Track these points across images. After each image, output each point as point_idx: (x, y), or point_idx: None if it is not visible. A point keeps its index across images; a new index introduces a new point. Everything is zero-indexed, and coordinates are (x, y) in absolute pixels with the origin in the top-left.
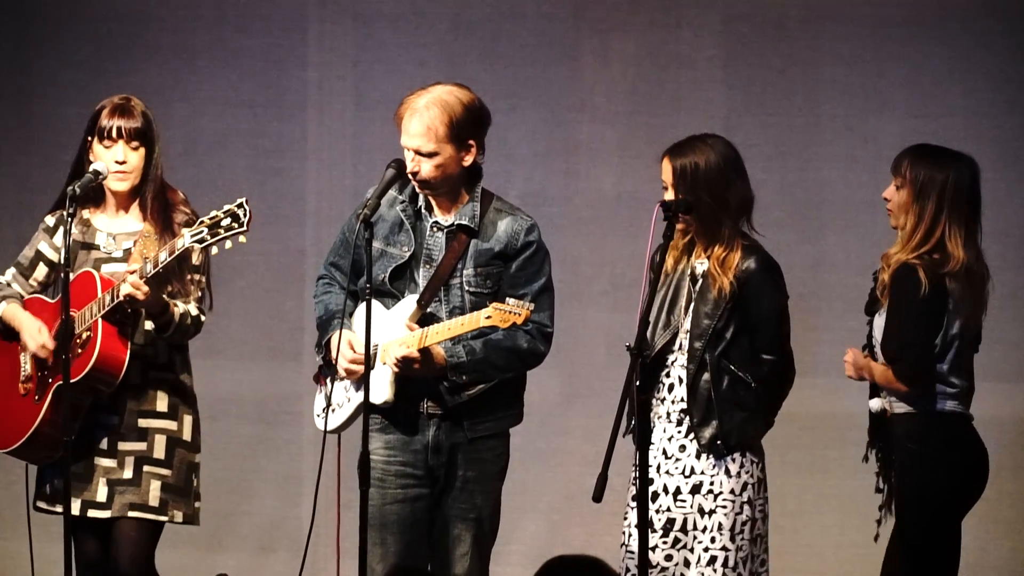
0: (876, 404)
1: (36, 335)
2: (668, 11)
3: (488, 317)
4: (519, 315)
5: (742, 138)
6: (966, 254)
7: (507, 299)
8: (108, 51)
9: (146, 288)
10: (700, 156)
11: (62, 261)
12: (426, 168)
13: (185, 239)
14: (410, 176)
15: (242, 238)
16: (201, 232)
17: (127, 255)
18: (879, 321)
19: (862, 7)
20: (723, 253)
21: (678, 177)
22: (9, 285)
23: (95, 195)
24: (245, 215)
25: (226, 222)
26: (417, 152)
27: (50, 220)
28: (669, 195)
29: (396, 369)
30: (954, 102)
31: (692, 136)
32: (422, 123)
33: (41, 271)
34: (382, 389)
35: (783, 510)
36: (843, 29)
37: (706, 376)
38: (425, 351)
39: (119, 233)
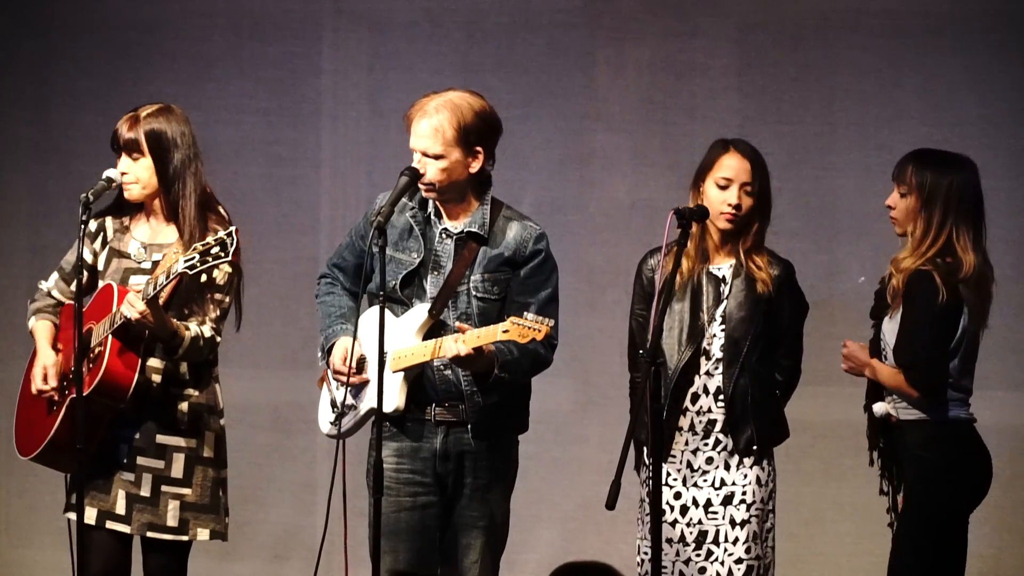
0: (880, 408)
1: (38, 376)
2: (683, 20)
3: (505, 331)
4: (539, 331)
5: (757, 146)
6: (975, 257)
7: (525, 314)
8: (124, 59)
9: (144, 309)
10: (760, 158)
11: (79, 270)
12: (432, 171)
13: (179, 263)
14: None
15: (226, 267)
16: (193, 258)
17: (155, 266)
18: (889, 325)
19: (877, 16)
20: (759, 258)
21: (752, 176)
22: (49, 293)
23: (136, 204)
24: (232, 244)
25: (215, 250)
26: (424, 154)
27: (92, 225)
28: (733, 193)
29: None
30: (969, 111)
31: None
32: (430, 125)
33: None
34: (392, 397)
35: (798, 518)
36: (858, 38)
37: (744, 380)
38: (479, 348)
39: (152, 244)
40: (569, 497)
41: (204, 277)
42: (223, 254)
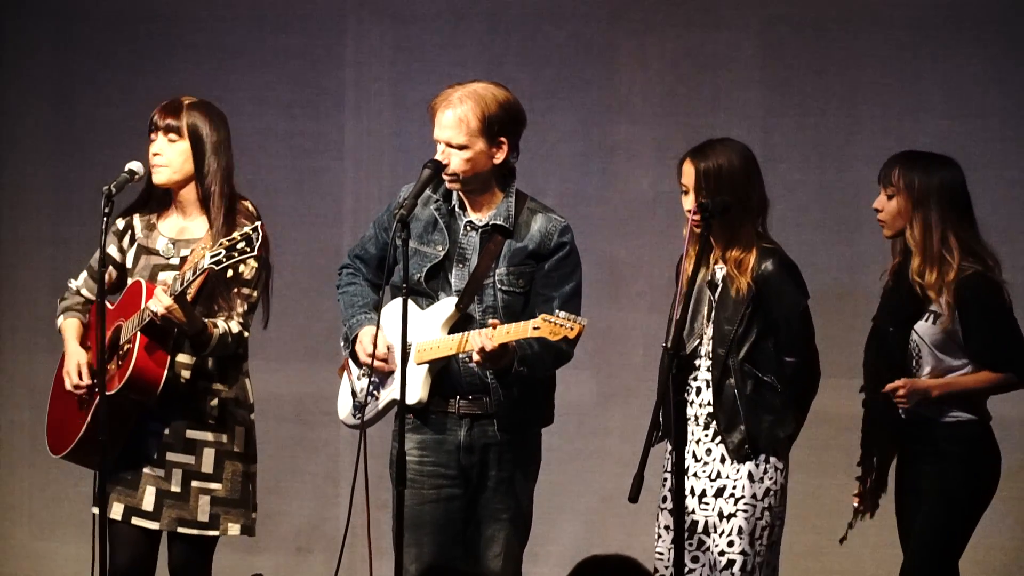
0: (911, 410)
1: (72, 372)
2: (706, 12)
3: (536, 328)
4: (572, 330)
5: (778, 139)
6: (990, 249)
7: (557, 312)
8: (147, 51)
9: (172, 305)
10: (723, 158)
11: (113, 265)
12: (455, 161)
13: (206, 259)
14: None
15: (252, 262)
16: (219, 253)
17: (183, 262)
18: (927, 329)
19: (900, 9)
20: (740, 255)
21: (702, 179)
22: (78, 292)
23: (163, 200)
24: (257, 239)
25: (241, 245)
26: (448, 144)
27: (119, 223)
28: (690, 199)
29: (479, 358)
30: (991, 104)
31: (710, 140)
32: (455, 114)
33: (111, 273)
34: (415, 389)
35: (820, 510)
36: (880, 31)
37: (731, 381)
38: (504, 344)
39: (179, 239)
40: (592, 489)
41: (231, 272)
42: (248, 249)
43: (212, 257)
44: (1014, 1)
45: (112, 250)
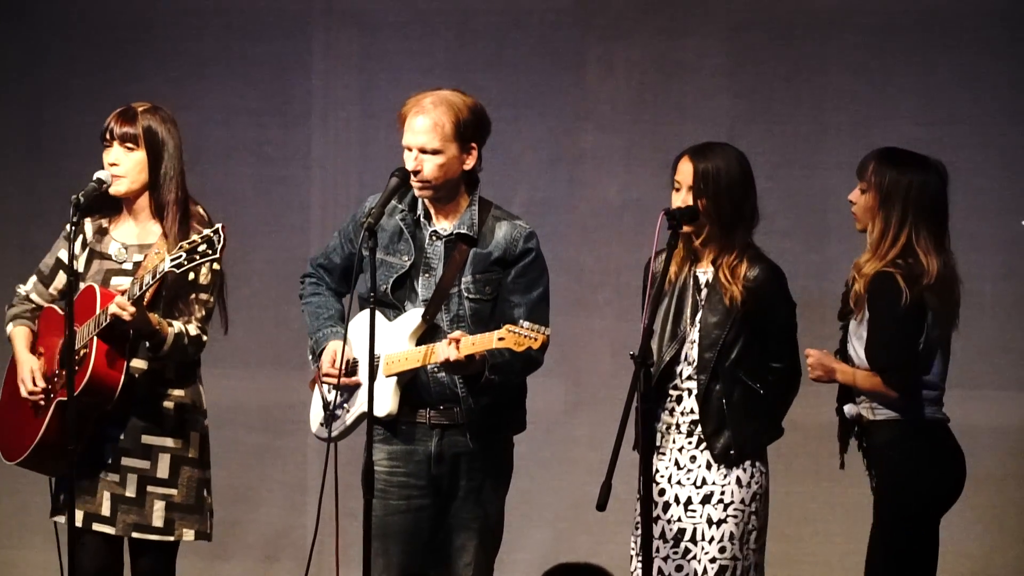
0: (851, 409)
1: (27, 379)
2: (674, 19)
3: (501, 339)
4: (535, 340)
5: (747, 146)
6: (937, 261)
7: (522, 322)
8: (115, 59)
9: (132, 309)
10: (723, 161)
11: (72, 271)
12: (428, 167)
13: (165, 263)
14: (411, 175)
15: (216, 265)
16: (180, 256)
17: (137, 267)
18: (856, 329)
19: (868, 15)
20: (733, 262)
21: (699, 179)
22: (27, 297)
23: (114, 205)
24: (219, 241)
25: (202, 248)
26: (421, 150)
27: (70, 227)
28: (682, 196)
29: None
30: (961, 110)
31: (712, 142)
32: (429, 119)
33: (61, 279)
34: (385, 401)
35: (789, 518)
36: (849, 37)
37: (718, 387)
38: (471, 354)
39: (132, 244)
40: (559, 497)
41: (191, 276)
42: (210, 251)
43: (172, 260)
44: (984, 7)
45: (64, 255)
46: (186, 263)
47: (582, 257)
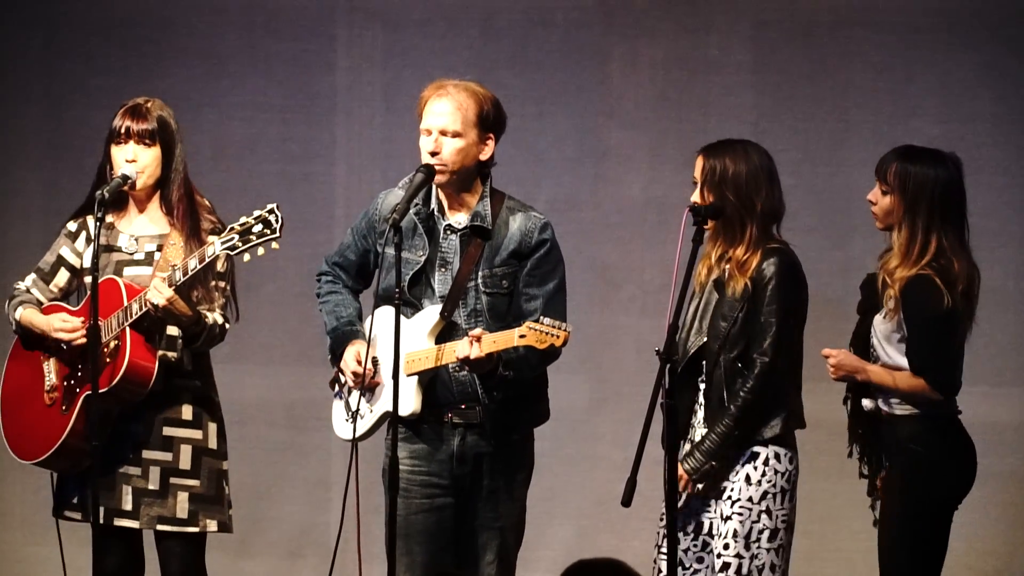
0: (869, 403)
1: (62, 324)
2: (697, 16)
3: (522, 336)
4: (558, 337)
5: (771, 143)
6: (962, 260)
7: (542, 318)
8: (137, 56)
9: (173, 296)
10: (731, 159)
11: (90, 267)
12: (447, 150)
13: (216, 246)
14: (428, 157)
15: (275, 244)
16: (232, 239)
17: (149, 258)
18: (883, 326)
19: (892, 13)
20: (744, 256)
21: (706, 175)
22: (28, 291)
23: (116, 199)
24: (277, 221)
25: (257, 228)
26: (442, 132)
27: (72, 225)
28: (697, 192)
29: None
30: (982, 108)
31: (730, 139)
32: (453, 102)
33: (62, 277)
34: (409, 400)
35: (812, 515)
36: (872, 35)
37: (722, 379)
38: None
39: (141, 235)
40: (583, 494)
41: (219, 265)
42: (268, 231)
43: (224, 243)
44: (1006, 5)
45: (66, 252)
46: (240, 245)
47: (606, 254)
